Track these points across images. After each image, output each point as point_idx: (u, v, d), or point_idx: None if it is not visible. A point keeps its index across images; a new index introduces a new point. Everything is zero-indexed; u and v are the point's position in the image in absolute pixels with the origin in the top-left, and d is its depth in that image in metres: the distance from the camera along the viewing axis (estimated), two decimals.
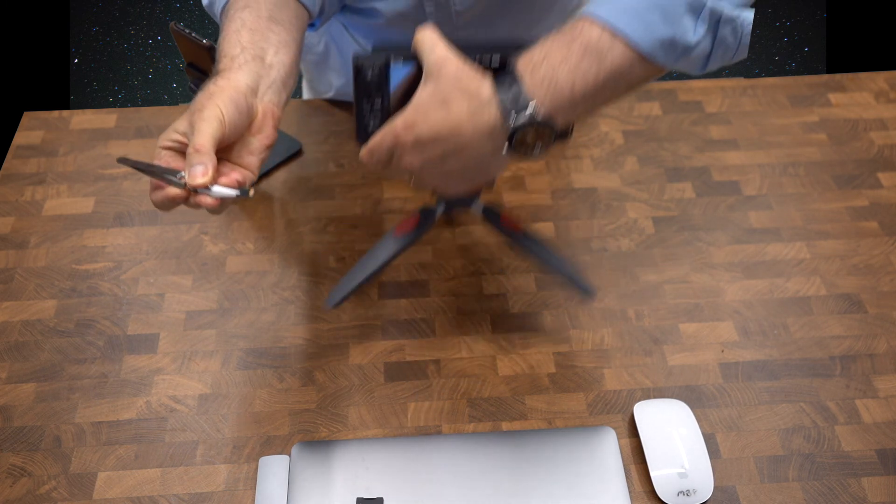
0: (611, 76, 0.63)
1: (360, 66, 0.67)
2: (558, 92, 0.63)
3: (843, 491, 0.75)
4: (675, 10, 0.62)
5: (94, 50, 2.55)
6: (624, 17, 0.62)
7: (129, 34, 2.60)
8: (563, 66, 0.62)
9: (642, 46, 0.62)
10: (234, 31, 0.70)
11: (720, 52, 0.65)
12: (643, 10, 0.62)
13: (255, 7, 0.73)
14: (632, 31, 0.62)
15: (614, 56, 0.63)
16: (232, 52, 0.69)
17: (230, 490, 0.76)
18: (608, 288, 0.92)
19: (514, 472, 0.74)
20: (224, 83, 0.66)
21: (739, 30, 0.64)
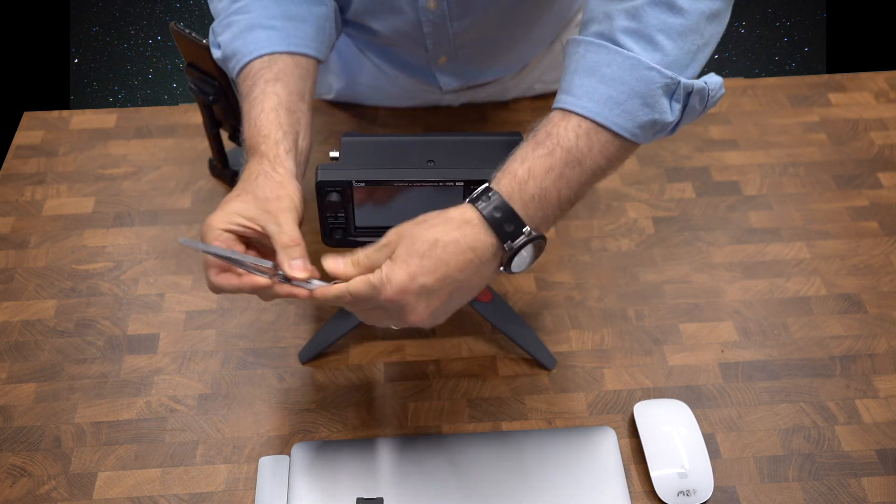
0: (593, 174, 0.65)
1: (322, 187, 0.70)
2: (548, 204, 0.64)
3: (843, 491, 0.75)
4: (653, 94, 0.64)
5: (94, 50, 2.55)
6: (605, 111, 0.64)
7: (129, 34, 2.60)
8: (548, 177, 0.64)
9: (625, 135, 0.65)
10: (272, 108, 0.72)
11: (688, 118, 0.68)
12: (623, 100, 0.64)
13: (285, 81, 0.75)
14: (614, 122, 0.64)
15: (595, 153, 0.65)
16: (275, 134, 0.71)
17: (230, 490, 0.76)
18: (608, 288, 0.92)
19: (514, 472, 0.74)
20: (284, 172, 0.69)
21: (706, 96, 0.67)
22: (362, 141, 0.73)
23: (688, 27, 0.65)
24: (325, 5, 0.82)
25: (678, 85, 0.64)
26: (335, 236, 0.73)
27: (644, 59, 0.64)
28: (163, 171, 1.04)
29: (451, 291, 0.63)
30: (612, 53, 0.64)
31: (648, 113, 0.64)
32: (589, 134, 0.64)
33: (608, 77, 0.64)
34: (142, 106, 1.36)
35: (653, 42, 0.64)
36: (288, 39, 0.77)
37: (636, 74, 0.64)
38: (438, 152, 0.72)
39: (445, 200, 0.71)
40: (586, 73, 0.65)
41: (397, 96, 1.09)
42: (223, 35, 0.79)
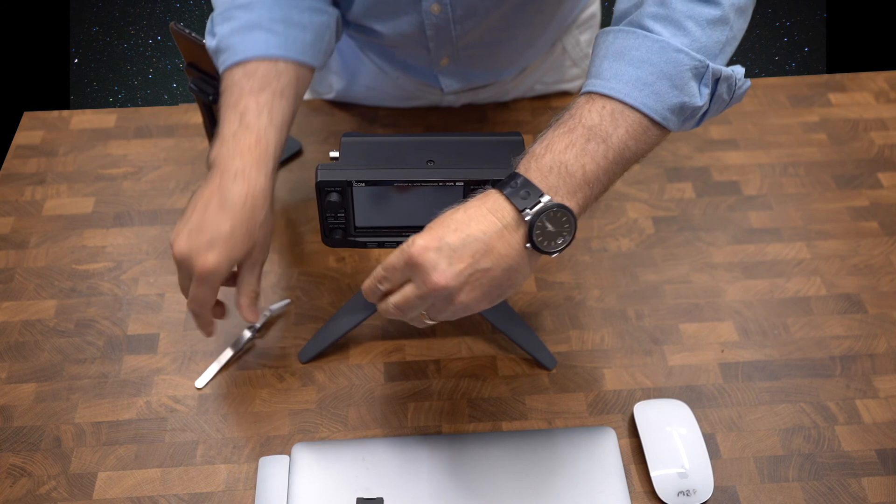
0: (620, 152, 0.64)
1: (322, 187, 0.70)
2: (570, 176, 0.63)
3: (843, 491, 0.75)
4: (682, 76, 0.64)
5: (94, 50, 2.55)
6: (634, 91, 0.64)
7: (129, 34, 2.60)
8: (570, 152, 0.63)
9: (654, 116, 0.64)
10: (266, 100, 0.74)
11: (715, 108, 0.68)
12: (652, 81, 0.64)
13: (286, 97, 0.76)
14: (642, 103, 0.64)
15: (622, 132, 0.64)
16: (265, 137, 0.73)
17: (230, 490, 0.76)
18: (608, 288, 0.91)
19: (514, 472, 0.74)
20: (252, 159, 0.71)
21: (734, 85, 0.67)
22: (362, 141, 0.73)
23: (718, 17, 0.65)
24: (327, 14, 0.82)
25: (707, 68, 0.65)
26: (335, 236, 0.73)
27: (673, 42, 0.64)
28: (163, 171, 1.04)
29: (477, 256, 0.60)
30: (641, 38, 0.65)
31: (678, 95, 0.64)
32: (614, 114, 0.64)
33: (636, 59, 0.65)
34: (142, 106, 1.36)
35: (682, 27, 0.65)
36: (286, 45, 0.77)
37: (665, 56, 0.64)
38: (438, 152, 0.72)
39: (445, 200, 0.71)
40: (615, 57, 0.66)
41: (398, 97, 1.09)
42: (221, 26, 0.78)
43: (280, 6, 0.78)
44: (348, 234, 0.73)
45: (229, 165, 0.71)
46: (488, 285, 0.62)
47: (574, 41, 1.09)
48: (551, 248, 0.63)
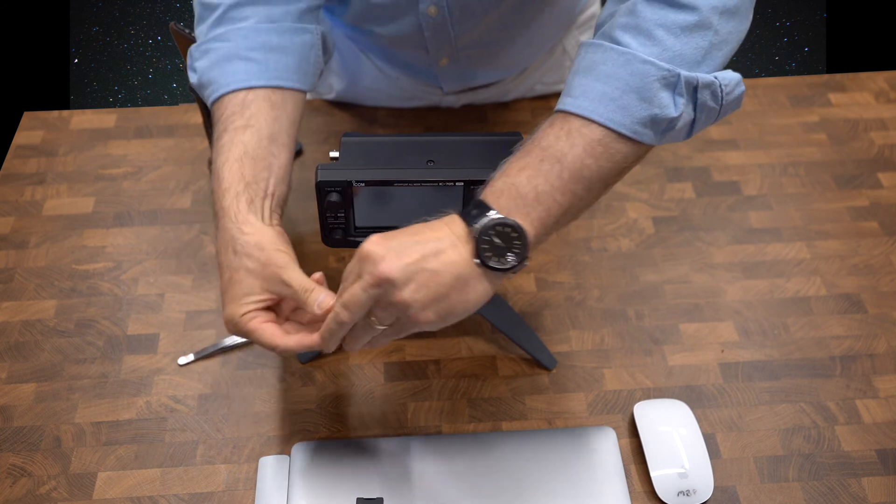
0: (576, 171, 0.63)
1: (322, 187, 0.70)
2: (522, 197, 0.62)
3: (843, 491, 0.75)
4: (649, 88, 0.63)
5: (94, 50, 2.55)
6: (600, 107, 0.63)
7: (129, 34, 2.60)
8: (523, 174, 0.63)
9: (622, 131, 0.63)
10: (236, 159, 0.71)
11: (703, 117, 0.66)
12: (618, 95, 0.63)
13: (256, 127, 0.73)
14: (608, 119, 0.63)
15: (577, 150, 0.63)
16: (236, 187, 0.70)
17: (230, 490, 0.76)
18: (608, 288, 0.91)
19: (514, 472, 0.74)
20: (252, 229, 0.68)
21: (719, 91, 0.64)
22: (362, 141, 0.73)
23: (695, 23, 0.63)
24: (310, 33, 0.80)
25: (678, 77, 0.63)
26: (335, 236, 0.73)
27: (639, 54, 0.63)
28: (163, 171, 1.04)
29: (427, 255, 0.61)
30: (608, 51, 0.64)
31: (646, 108, 0.63)
32: (571, 133, 0.63)
33: (604, 74, 0.64)
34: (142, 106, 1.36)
35: (651, 37, 0.63)
36: (267, 73, 0.75)
37: (630, 69, 0.63)
38: (438, 152, 0.72)
39: (445, 200, 0.71)
40: (584, 73, 0.65)
41: (398, 97, 1.09)
42: (200, 61, 0.77)
43: (257, 32, 0.76)
44: (348, 234, 0.73)
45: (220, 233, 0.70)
46: (436, 289, 0.61)
47: (574, 42, 1.09)
48: (500, 265, 0.62)
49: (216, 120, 0.75)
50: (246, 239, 0.68)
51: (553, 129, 0.64)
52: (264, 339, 0.67)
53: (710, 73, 0.64)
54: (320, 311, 0.66)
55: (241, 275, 0.67)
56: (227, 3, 0.77)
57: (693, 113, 0.65)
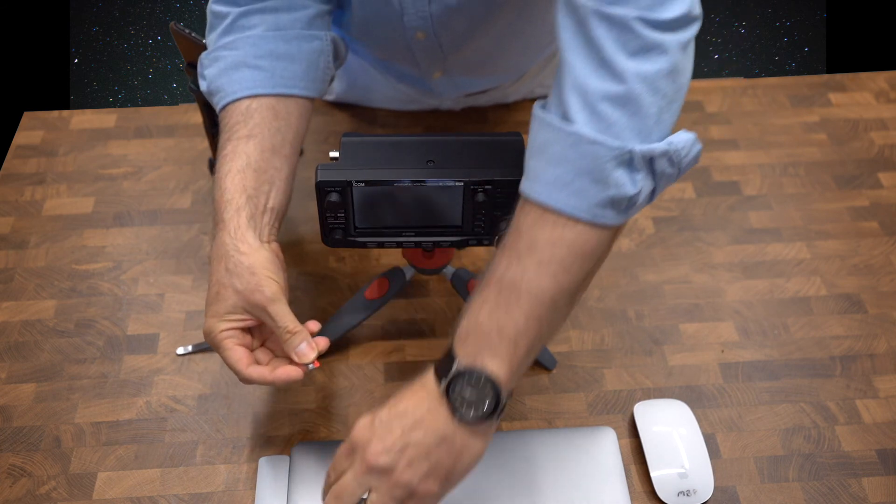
0: (537, 295, 0.60)
1: (322, 187, 0.70)
2: (485, 337, 0.60)
3: (843, 491, 0.75)
4: (602, 169, 0.59)
5: (94, 50, 2.55)
6: (554, 192, 0.59)
7: (129, 34, 2.60)
8: (483, 311, 0.60)
9: (581, 215, 0.59)
10: (239, 170, 0.71)
11: (662, 184, 0.62)
12: (570, 179, 0.59)
13: (259, 137, 0.73)
14: (564, 204, 0.59)
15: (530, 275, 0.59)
16: (238, 200, 0.70)
17: (230, 490, 0.76)
18: (608, 288, 0.91)
19: (514, 472, 0.74)
20: (248, 248, 0.69)
21: (675, 157, 0.60)
22: (362, 141, 0.73)
23: (636, 92, 0.58)
24: (320, 39, 0.79)
25: (631, 154, 0.58)
26: (335, 236, 0.73)
27: (586, 133, 0.58)
28: (163, 171, 1.04)
29: (406, 430, 0.60)
30: (555, 131, 0.60)
31: (602, 190, 0.59)
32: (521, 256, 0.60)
33: (554, 157, 0.60)
34: (142, 106, 1.36)
35: (595, 112, 0.58)
36: (273, 80, 0.76)
37: (579, 151, 0.59)
38: (438, 152, 0.72)
39: (445, 200, 0.71)
40: (537, 153, 0.61)
41: (398, 100, 1.09)
42: (209, 69, 0.77)
43: (265, 40, 0.76)
44: (348, 234, 0.73)
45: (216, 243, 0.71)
46: (429, 462, 0.60)
47: None
48: (480, 416, 0.60)
49: (222, 128, 0.75)
50: (240, 259, 0.68)
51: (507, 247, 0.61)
52: (231, 361, 0.68)
53: (664, 135, 0.60)
54: (297, 359, 0.68)
55: (228, 292, 0.68)
56: (237, 11, 0.77)
57: (653, 183, 0.61)
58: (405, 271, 0.84)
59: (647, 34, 0.58)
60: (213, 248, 0.70)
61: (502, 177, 0.69)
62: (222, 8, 0.78)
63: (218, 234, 0.70)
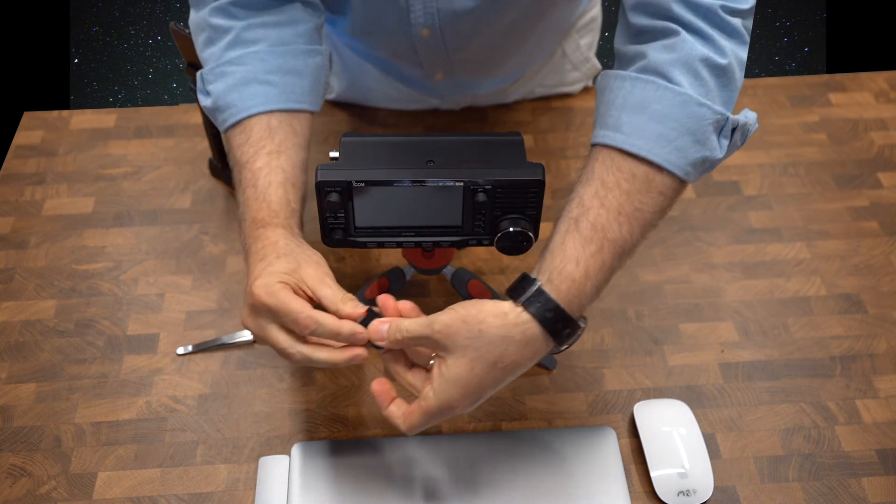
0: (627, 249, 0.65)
1: (322, 187, 0.70)
2: (580, 290, 0.64)
3: (843, 491, 0.75)
4: (704, 131, 0.64)
5: (94, 50, 2.55)
6: (657, 147, 0.64)
7: (129, 34, 2.60)
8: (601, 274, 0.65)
9: (678, 172, 0.64)
10: (280, 183, 0.72)
11: (728, 154, 0.68)
12: (675, 137, 0.63)
13: (287, 154, 0.74)
14: (665, 159, 0.63)
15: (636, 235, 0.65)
16: (285, 211, 0.71)
17: (230, 490, 0.76)
18: (608, 288, 0.91)
19: (514, 473, 0.74)
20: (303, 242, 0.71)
21: (747, 132, 0.67)
22: (362, 141, 0.73)
23: (725, 65, 0.65)
24: (321, 54, 0.80)
25: (727, 121, 0.64)
26: (335, 236, 0.73)
27: (694, 95, 0.63)
28: (163, 171, 1.04)
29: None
30: (662, 90, 0.64)
31: (700, 150, 0.64)
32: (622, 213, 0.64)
33: (658, 114, 0.64)
34: (142, 106, 1.36)
35: (698, 76, 0.64)
36: (285, 96, 0.76)
37: (688, 111, 0.63)
38: (438, 152, 0.72)
39: (445, 200, 0.71)
40: (634, 109, 0.65)
41: (398, 99, 1.09)
42: (215, 84, 0.77)
43: (274, 55, 0.76)
44: (348, 234, 0.73)
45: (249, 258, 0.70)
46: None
47: (574, 45, 1.09)
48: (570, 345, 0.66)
49: (239, 143, 0.75)
50: (300, 242, 0.70)
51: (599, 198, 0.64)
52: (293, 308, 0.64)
53: (732, 111, 0.66)
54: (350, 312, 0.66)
55: (286, 259, 0.67)
56: (240, 25, 0.77)
57: (726, 153, 0.67)
58: (405, 271, 0.83)
59: (731, 20, 0.66)
60: (264, 240, 0.69)
61: (502, 177, 0.69)
62: (222, 21, 0.77)
63: (267, 232, 0.70)
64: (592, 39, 1.11)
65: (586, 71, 1.12)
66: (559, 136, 1.07)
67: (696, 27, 0.65)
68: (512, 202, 0.71)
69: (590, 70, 1.12)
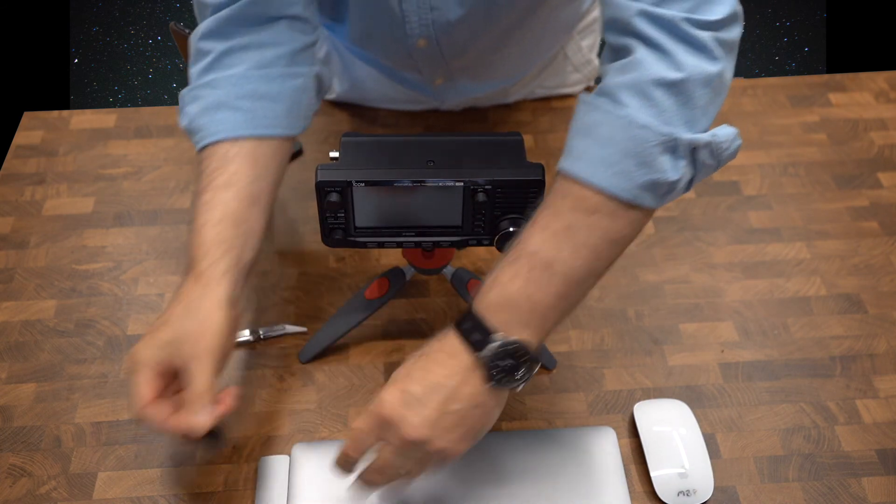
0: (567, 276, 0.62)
1: (322, 187, 0.69)
2: (517, 309, 0.62)
3: (843, 491, 0.75)
4: (648, 153, 0.61)
5: (94, 50, 2.55)
6: (599, 171, 0.62)
7: (129, 34, 2.60)
8: (513, 284, 0.62)
9: (623, 195, 0.61)
10: (217, 221, 0.70)
11: (701, 174, 0.65)
12: (617, 160, 0.61)
13: (237, 187, 0.72)
14: (609, 183, 0.61)
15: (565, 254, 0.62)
16: (214, 252, 0.69)
17: (230, 490, 0.76)
18: (608, 288, 0.91)
19: (514, 472, 0.74)
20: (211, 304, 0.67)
21: (717, 149, 0.63)
22: (362, 141, 0.73)
23: (690, 82, 0.62)
24: (302, 76, 0.78)
25: (677, 142, 0.61)
26: (335, 236, 0.73)
27: (637, 117, 0.61)
28: (163, 171, 1.04)
29: (445, 402, 0.62)
30: (605, 113, 0.62)
31: (647, 173, 0.61)
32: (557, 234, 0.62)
33: (602, 137, 0.62)
34: (142, 106, 1.36)
35: (648, 97, 0.61)
36: (254, 122, 0.74)
37: (628, 133, 0.61)
38: (438, 152, 0.72)
39: (445, 200, 0.71)
40: (582, 133, 0.64)
41: (399, 100, 1.09)
42: (190, 106, 0.76)
43: (247, 80, 0.75)
44: (348, 234, 0.73)
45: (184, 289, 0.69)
46: (464, 427, 0.63)
47: (576, 47, 1.09)
48: (514, 383, 0.63)
49: (201, 171, 0.74)
50: (201, 305, 0.67)
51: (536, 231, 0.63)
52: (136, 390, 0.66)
53: (706, 129, 0.63)
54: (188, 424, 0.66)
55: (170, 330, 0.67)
56: (220, 48, 0.76)
57: (693, 172, 0.64)
58: (405, 271, 0.84)
59: (697, 34, 0.62)
60: (181, 291, 0.69)
61: (502, 177, 0.69)
62: (204, 44, 0.76)
63: (189, 283, 0.69)
64: (594, 41, 1.11)
65: (588, 73, 1.12)
66: (559, 136, 1.07)
67: (656, 42, 0.62)
68: (512, 202, 0.71)
69: (591, 72, 1.12)
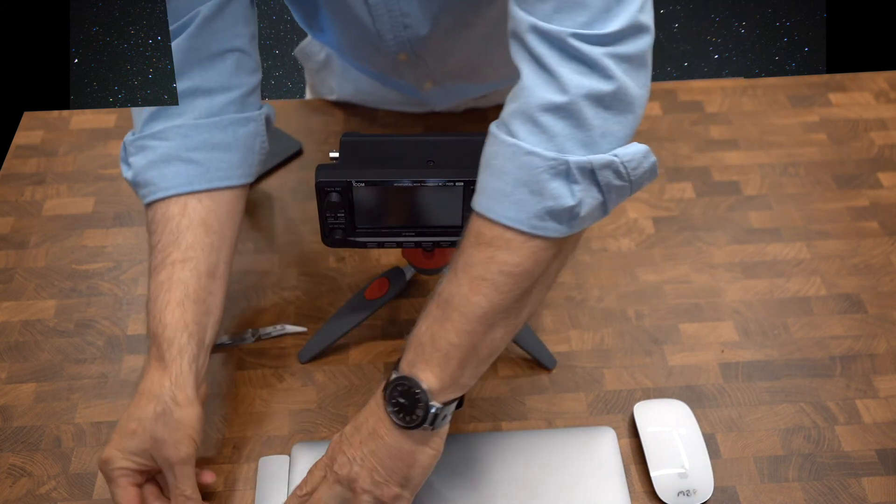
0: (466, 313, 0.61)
1: (322, 187, 0.70)
2: (421, 347, 0.62)
3: (843, 491, 0.75)
4: (538, 180, 0.59)
5: (94, 50, 2.55)
6: (496, 204, 0.60)
7: (129, 34, 2.60)
8: (424, 323, 0.63)
9: (521, 227, 0.59)
10: (179, 302, 0.70)
11: (614, 196, 0.61)
12: (510, 191, 0.59)
13: (195, 261, 0.71)
14: (505, 216, 0.60)
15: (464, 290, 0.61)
16: (180, 339, 0.69)
17: (230, 490, 0.76)
18: (608, 288, 0.91)
19: (514, 473, 0.74)
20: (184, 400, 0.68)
21: (624, 168, 0.60)
22: (362, 141, 0.73)
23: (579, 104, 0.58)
24: (254, 121, 0.76)
25: (567, 165, 0.58)
26: (335, 236, 0.73)
27: (523, 145, 0.59)
28: None
29: (365, 440, 0.64)
30: (499, 144, 0.61)
31: (540, 200, 0.59)
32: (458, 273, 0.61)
33: (496, 169, 0.60)
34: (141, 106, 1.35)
35: (537, 124, 0.59)
36: (208, 174, 0.72)
37: (517, 162, 0.59)
38: (438, 152, 0.72)
39: (445, 200, 0.71)
40: (483, 167, 0.63)
41: (398, 102, 1.09)
42: (136, 157, 0.73)
43: (197, 130, 0.72)
44: (348, 234, 0.73)
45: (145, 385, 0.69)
46: (383, 467, 0.64)
47: None
48: (415, 423, 0.62)
49: (152, 237, 0.73)
50: (174, 409, 0.67)
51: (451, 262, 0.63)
52: (119, 500, 0.67)
53: (612, 149, 0.60)
54: None
55: (144, 436, 0.67)
56: None
57: (600, 195, 0.60)
58: (405, 271, 0.84)
59: (586, 50, 0.58)
60: (146, 382, 0.69)
61: None
62: None
63: (154, 372, 0.69)
64: None
65: None
66: None
67: (544, 62, 0.59)
68: None
69: None
